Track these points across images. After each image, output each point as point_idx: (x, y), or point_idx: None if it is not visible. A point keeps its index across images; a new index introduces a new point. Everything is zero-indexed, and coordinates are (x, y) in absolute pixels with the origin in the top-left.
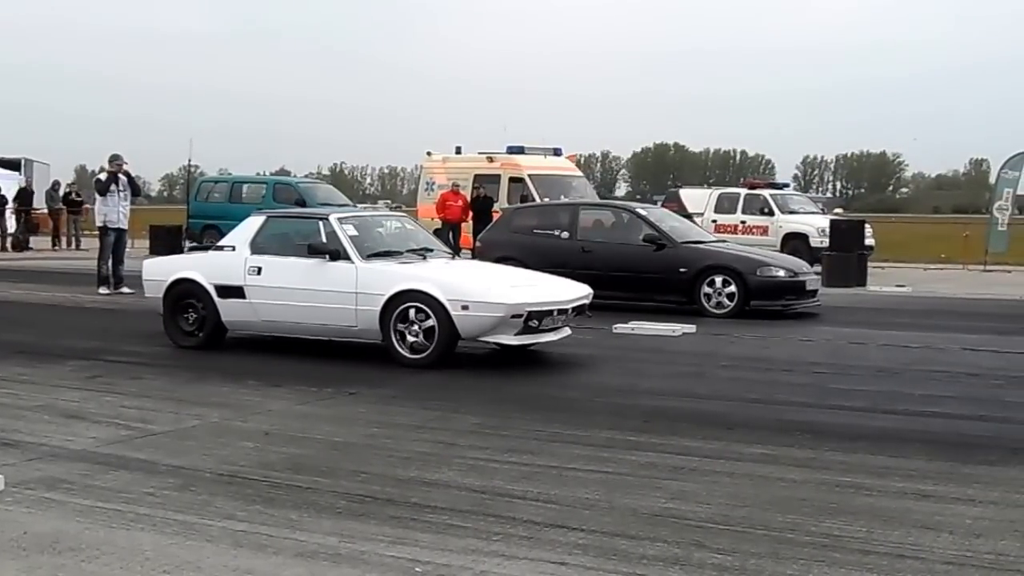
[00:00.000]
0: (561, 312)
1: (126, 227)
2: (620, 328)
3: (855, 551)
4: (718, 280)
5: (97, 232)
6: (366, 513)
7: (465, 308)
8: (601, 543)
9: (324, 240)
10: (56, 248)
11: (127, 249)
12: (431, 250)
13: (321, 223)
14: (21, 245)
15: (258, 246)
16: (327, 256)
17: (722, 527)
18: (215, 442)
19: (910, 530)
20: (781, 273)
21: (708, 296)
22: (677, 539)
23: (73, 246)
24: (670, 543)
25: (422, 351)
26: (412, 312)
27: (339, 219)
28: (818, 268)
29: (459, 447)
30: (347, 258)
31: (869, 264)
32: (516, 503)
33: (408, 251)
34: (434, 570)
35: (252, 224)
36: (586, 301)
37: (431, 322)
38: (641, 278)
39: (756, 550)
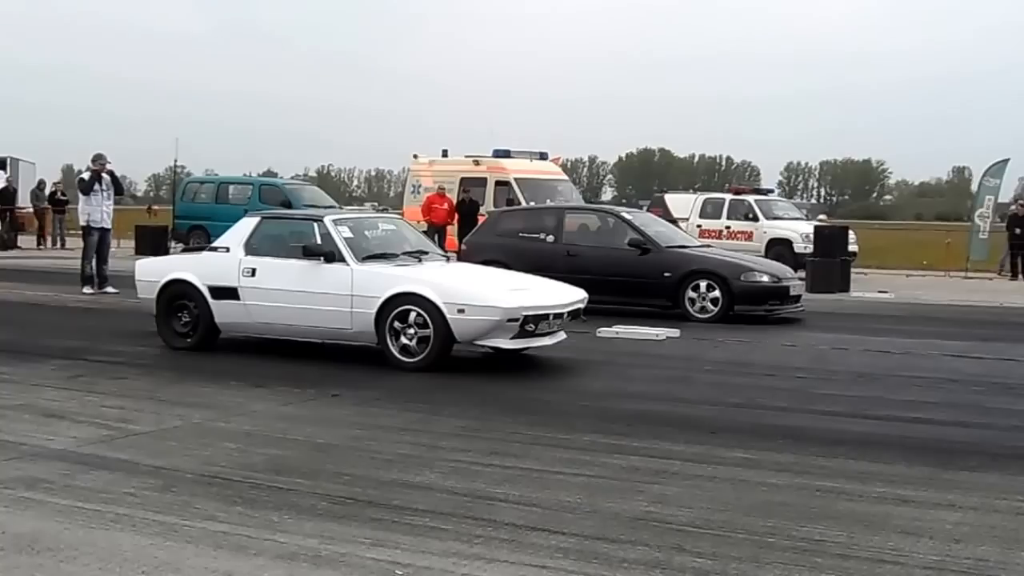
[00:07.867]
0: (557, 316)
1: (110, 226)
2: (604, 332)
3: (836, 556)
4: (702, 285)
5: (81, 231)
6: (347, 515)
7: (461, 312)
8: (582, 546)
9: (319, 242)
10: (41, 247)
11: (111, 249)
12: (426, 252)
13: (316, 225)
14: (7, 244)
15: (252, 247)
16: (322, 258)
17: (703, 531)
18: (196, 443)
19: (891, 535)
20: (765, 278)
21: (692, 301)
22: (658, 543)
23: (58, 245)
24: (651, 547)
25: (417, 354)
26: (408, 315)
27: (334, 221)
28: (802, 274)
29: (441, 449)
30: (342, 260)
31: (852, 270)
32: (498, 506)
33: (404, 253)
34: (415, 573)
35: (246, 225)
36: (581, 305)
37: (427, 326)
38: (626, 282)
39: (737, 554)
